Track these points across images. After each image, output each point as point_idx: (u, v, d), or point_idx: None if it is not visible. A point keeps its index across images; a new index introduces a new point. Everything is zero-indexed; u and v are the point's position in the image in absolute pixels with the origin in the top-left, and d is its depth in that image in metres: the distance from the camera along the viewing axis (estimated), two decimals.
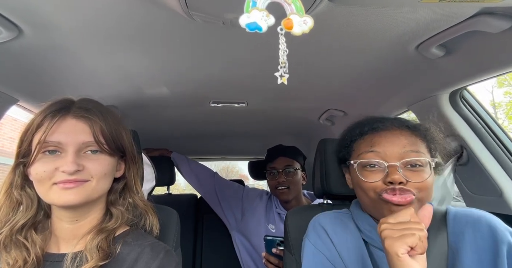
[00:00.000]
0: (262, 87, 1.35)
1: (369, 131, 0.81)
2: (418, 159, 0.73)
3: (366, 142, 0.79)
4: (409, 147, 0.75)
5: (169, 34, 0.89)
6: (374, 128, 0.80)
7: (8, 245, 0.70)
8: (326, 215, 0.88)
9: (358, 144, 0.82)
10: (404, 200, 0.70)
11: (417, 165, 0.73)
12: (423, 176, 0.73)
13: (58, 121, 0.70)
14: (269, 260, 1.43)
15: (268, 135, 2.29)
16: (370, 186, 0.75)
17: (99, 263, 0.68)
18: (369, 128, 0.81)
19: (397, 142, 0.75)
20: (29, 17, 0.78)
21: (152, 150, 2.03)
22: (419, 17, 0.78)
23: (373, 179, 0.75)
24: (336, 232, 0.82)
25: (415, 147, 0.75)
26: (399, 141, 0.75)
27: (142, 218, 0.82)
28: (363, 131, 0.82)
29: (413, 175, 0.72)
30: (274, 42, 0.51)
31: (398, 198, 0.71)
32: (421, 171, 0.73)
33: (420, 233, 0.61)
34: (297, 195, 1.69)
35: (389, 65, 1.08)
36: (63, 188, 0.68)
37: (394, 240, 0.61)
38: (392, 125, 0.79)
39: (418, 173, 0.73)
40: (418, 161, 0.73)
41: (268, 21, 0.47)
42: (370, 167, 0.76)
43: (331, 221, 0.85)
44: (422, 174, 0.73)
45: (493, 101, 12.36)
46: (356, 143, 0.82)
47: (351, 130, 0.86)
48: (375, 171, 0.75)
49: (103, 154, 0.73)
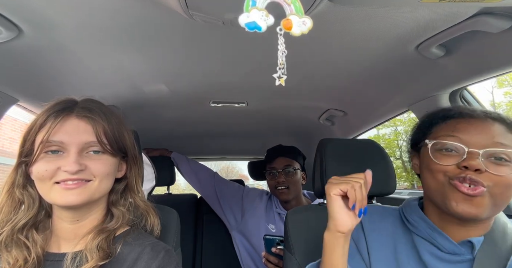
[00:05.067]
0: (262, 87, 1.35)
1: (455, 115, 0.74)
2: (505, 151, 0.66)
3: (449, 126, 0.73)
4: (498, 138, 0.67)
5: (169, 34, 0.89)
6: (462, 113, 0.74)
7: (9, 245, 0.70)
8: (372, 206, 0.88)
9: (439, 127, 0.76)
10: (473, 192, 0.65)
11: (502, 158, 0.66)
12: (505, 170, 0.66)
13: (61, 121, 0.71)
14: (268, 260, 1.43)
15: (268, 135, 2.29)
16: (440, 168, 0.70)
17: (99, 263, 0.68)
18: (455, 112, 0.75)
19: (485, 131, 0.69)
20: (29, 17, 0.78)
21: (152, 150, 2.03)
22: (419, 17, 0.78)
23: (446, 162, 0.69)
24: (371, 220, 0.84)
25: (507, 141, 0.67)
26: (489, 130, 0.68)
27: (143, 219, 0.82)
28: (448, 115, 0.76)
29: (494, 167, 0.66)
30: (274, 42, 0.51)
31: (468, 189, 0.66)
32: (506, 166, 0.66)
33: (354, 183, 0.71)
34: (297, 195, 1.69)
35: (389, 65, 1.08)
36: (65, 188, 0.68)
37: (331, 185, 0.74)
38: (485, 115, 0.72)
39: (501, 167, 0.66)
40: (504, 154, 0.66)
41: (268, 21, 0.47)
42: (446, 151, 0.70)
43: (372, 210, 0.86)
44: (505, 169, 0.66)
45: (493, 101, 12.37)
46: (437, 126, 0.77)
47: (434, 113, 0.80)
48: (451, 155, 0.70)
49: (106, 155, 0.74)
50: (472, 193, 0.65)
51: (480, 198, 0.66)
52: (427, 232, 0.76)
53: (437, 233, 0.74)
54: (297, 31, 0.49)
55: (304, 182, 1.77)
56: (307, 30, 0.49)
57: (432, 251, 0.74)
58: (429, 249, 0.75)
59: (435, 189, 0.73)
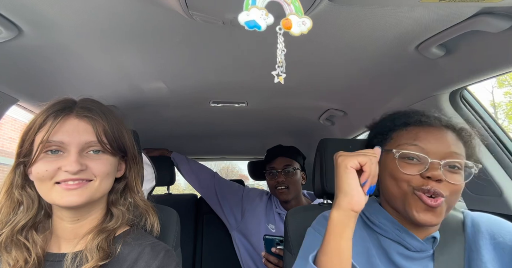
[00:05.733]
0: (262, 87, 1.35)
1: (414, 123, 0.78)
2: (459, 161, 0.72)
3: (410, 135, 0.77)
4: (453, 147, 0.73)
5: (169, 34, 0.89)
6: (420, 121, 0.78)
7: (9, 246, 0.70)
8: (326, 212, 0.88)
9: (400, 134, 0.79)
10: (435, 203, 0.70)
11: (456, 167, 0.72)
12: (459, 179, 0.72)
13: (61, 121, 0.70)
14: (268, 260, 1.43)
15: (268, 135, 2.29)
16: (404, 177, 0.73)
17: (99, 263, 0.68)
18: (415, 120, 0.79)
19: (442, 140, 0.74)
20: (29, 16, 0.78)
21: (152, 150, 2.03)
22: (419, 17, 0.78)
23: (410, 172, 0.73)
24: None
25: (458, 149, 0.74)
26: (444, 140, 0.74)
27: (143, 218, 0.82)
28: (406, 121, 0.79)
29: (450, 176, 0.71)
30: (274, 42, 0.52)
31: (431, 200, 0.70)
32: (459, 173, 0.73)
33: (371, 157, 0.69)
34: (297, 195, 1.69)
35: (389, 65, 1.08)
36: (66, 189, 0.68)
37: (347, 157, 0.69)
38: (440, 123, 0.77)
39: (456, 175, 0.72)
40: (458, 163, 0.72)
41: (267, 20, 0.47)
42: (409, 159, 0.74)
43: None
44: (458, 177, 0.72)
45: (493, 101, 12.37)
46: (397, 133, 0.80)
47: (394, 119, 0.83)
48: (414, 164, 0.73)
49: (106, 154, 0.73)
50: (434, 204, 0.70)
51: (439, 208, 0.71)
52: (395, 233, 0.77)
53: (405, 234, 0.77)
54: (297, 31, 0.49)
55: (304, 182, 1.77)
56: (307, 30, 0.49)
57: (400, 251, 0.76)
58: (397, 249, 0.76)
59: (397, 196, 0.76)
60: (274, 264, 1.42)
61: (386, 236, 0.79)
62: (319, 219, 0.87)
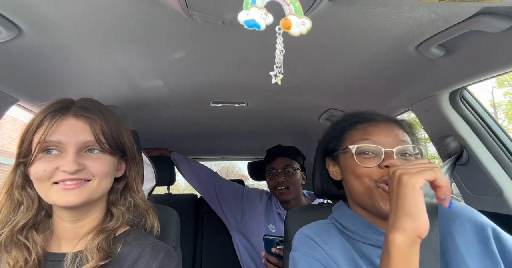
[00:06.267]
0: (262, 87, 1.35)
1: (361, 120, 0.84)
2: (408, 147, 0.78)
3: (360, 131, 0.82)
4: (401, 137, 0.79)
5: (169, 34, 0.89)
6: (367, 118, 0.84)
7: (9, 246, 0.70)
8: (309, 227, 0.87)
9: (351, 133, 0.84)
10: None
11: (407, 154, 0.78)
12: None
13: (58, 120, 0.70)
14: (268, 260, 1.43)
15: (268, 135, 2.29)
16: (365, 171, 0.77)
17: (100, 263, 0.68)
18: (361, 118, 0.84)
19: (389, 131, 0.79)
20: (29, 16, 0.78)
21: (152, 150, 2.03)
22: (419, 17, 0.78)
23: (369, 165, 0.76)
24: (323, 239, 0.81)
25: (405, 138, 0.80)
26: (391, 131, 0.80)
27: (143, 218, 0.82)
28: (355, 120, 0.85)
29: (404, 163, 0.74)
30: (274, 42, 0.51)
31: None
32: (410, 160, 0.77)
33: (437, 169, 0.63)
34: (297, 195, 1.69)
35: (389, 65, 1.08)
36: (64, 188, 0.68)
37: (412, 175, 0.62)
38: (385, 118, 0.84)
39: (408, 162, 0.76)
40: (408, 150, 0.78)
41: (267, 20, 0.47)
42: (365, 154, 0.78)
43: (315, 230, 0.85)
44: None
45: (493, 101, 12.37)
46: (348, 132, 0.84)
47: (342, 121, 0.89)
48: (370, 157, 0.77)
49: (104, 154, 0.73)
50: None
51: None
52: (374, 238, 0.78)
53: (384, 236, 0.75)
54: (296, 31, 0.49)
55: (304, 182, 1.77)
56: (306, 30, 0.49)
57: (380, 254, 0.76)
58: (378, 253, 0.75)
59: (363, 192, 0.78)
60: (274, 264, 1.42)
61: (367, 243, 0.79)
62: (303, 240, 0.83)
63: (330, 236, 0.83)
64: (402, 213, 0.61)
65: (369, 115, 0.85)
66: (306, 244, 0.81)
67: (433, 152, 2.25)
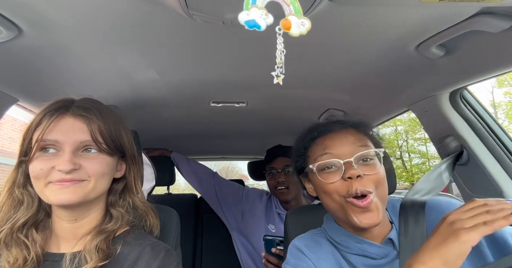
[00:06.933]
0: (262, 87, 1.35)
1: (319, 134, 0.85)
2: (368, 152, 0.78)
3: (319, 146, 0.82)
4: (357, 142, 0.79)
5: (169, 34, 0.89)
6: (323, 131, 0.84)
7: (9, 243, 0.70)
8: (300, 238, 0.91)
9: (312, 150, 0.85)
10: (365, 203, 0.74)
11: (368, 158, 0.78)
12: (374, 168, 0.77)
13: (56, 119, 0.70)
14: (268, 260, 1.43)
15: (268, 135, 2.29)
16: (332, 187, 0.77)
17: (99, 264, 0.68)
18: (318, 132, 0.85)
19: (345, 140, 0.80)
20: (29, 16, 0.78)
21: (152, 150, 2.03)
22: (419, 17, 0.78)
23: (333, 179, 0.77)
24: (311, 250, 0.84)
25: (362, 142, 0.80)
26: (347, 139, 0.80)
27: (143, 219, 0.82)
28: (313, 136, 0.85)
29: (367, 169, 0.76)
30: (274, 42, 0.51)
31: (362, 202, 0.74)
32: (373, 164, 0.78)
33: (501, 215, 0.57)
34: (297, 195, 1.69)
35: (389, 65, 1.08)
36: (59, 187, 0.68)
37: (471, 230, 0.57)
38: (339, 126, 0.84)
39: (371, 166, 0.77)
40: (368, 155, 0.78)
41: (267, 20, 0.47)
42: (328, 169, 0.79)
43: (305, 242, 0.88)
44: (373, 167, 0.78)
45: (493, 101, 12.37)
46: (310, 149, 0.85)
47: (302, 138, 0.89)
48: (333, 171, 0.78)
49: (102, 154, 0.73)
50: (364, 204, 0.74)
51: (372, 205, 0.74)
52: (357, 247, 0.80)
53: (366, 244, 0.79)
54: (296, 31, 0.49)
55: None
56: (306, 31, 0.49)
57: (367, 262, 0.78)
58: (364, 262, 0.79)
59: (336, 209, 0.80)
60: (274, 265, 1.42)
61: (351, 253, 0.81)
62: (293, 252, 0.87)
63: (320, 247, 0.85)
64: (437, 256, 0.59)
65: (324, 127, 0.85)
66: (295, 256, 0.85)
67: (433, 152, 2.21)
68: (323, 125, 0.86)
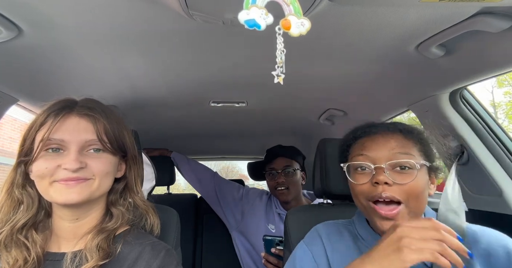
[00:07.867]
0: (262, 87, 1.35)
1: (362, 134, 0.82)
2: (406, 161, 0.72)
3: (358, 146, 0.81)
4: (398, 149, 0.74)
5: (169, 34, 0.89)
6: (366, 132, 0.82)
7: (9, 245, 0.70)
8: (326, 224, 0.90)
9: (353, 147, 0.84)
10: (391, 213, 0.70)
11: (406, 167, 0.73)
12: (410, 177, 0.72)
13: (62, 119, 0.71)
14: (268, 260, 1.43)
15: (268, 135, 2.29)
16: (359, 189, 0.76)
17: (99, 262, 0.68)
18: (361, 132, 0.83)
19: (386, 145, 0.76)
20: (29, 16, 0.78)
21: (152, 150, 2.03)
22: (419, 17, 0.78)
23: (361, 181, 0.76)
24: (331, 240, 0.84)
25: (405, 150, 0.74)
26: (388, 144, 0.76)
27: (143, 218, 0.82)
28: (356, 135, 0.84)
29: (400, 177, 0.72)
30: (274, 42, 0.52)
31: (386, 211, 0.71)
32: (409, 173, 0.72)
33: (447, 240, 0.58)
34: (297, 195, 1.69)
35: (389, 65, 1.08)
36: (65, 186, 0.68)
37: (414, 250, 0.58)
38: (385, 129, 0.80)
39: (406, 175, 0.72)
40: (407, 163, 0.72)
41: (267, 20, 0.47)
42: (361, 170, 0.77)
43: (328, 229, 0.87)
44: (409, 176, 0.72)
45: (493, 101, 12.37)
46: (351, 147, 0.84)
47: (348, 134, 0.88)
48: (365, 173, 0.76)
49: (106, 153, 0.74)
50: (389, 214, 0.71)
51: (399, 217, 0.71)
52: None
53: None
54: (296, 31, 0.49)
55: (304, 182, 1.77)
56: (306, 31, 0.49)
57: None
58: None
59: (363, 210, 0.78)
60: (274, 265, 1.42)
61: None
62: (312, 234, 0.88)
63: (340, 238, 0.84)
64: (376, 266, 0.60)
65: (369, 128, 0.82)
66: (312, 237, 0.85)
67: None
68: (369, 126, 0.83)
